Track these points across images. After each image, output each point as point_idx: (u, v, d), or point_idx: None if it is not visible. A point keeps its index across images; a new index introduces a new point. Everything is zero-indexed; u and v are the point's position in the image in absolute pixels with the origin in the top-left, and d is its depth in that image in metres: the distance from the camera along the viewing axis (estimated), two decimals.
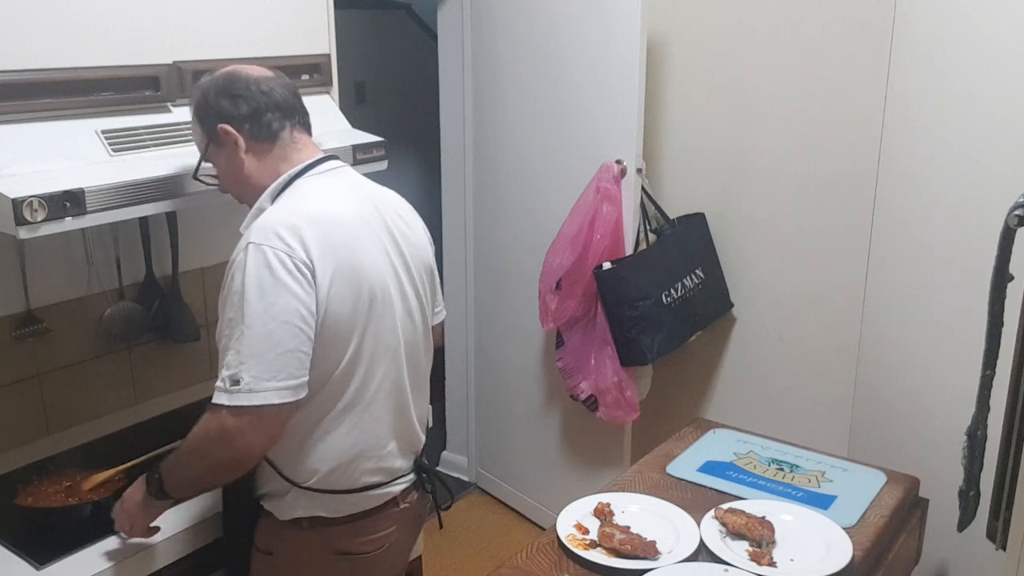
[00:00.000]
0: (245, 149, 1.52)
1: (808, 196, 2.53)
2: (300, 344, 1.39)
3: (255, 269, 1.38)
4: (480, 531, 3.18)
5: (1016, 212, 1.33)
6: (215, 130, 1.51)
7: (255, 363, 1.36)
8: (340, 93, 2.10)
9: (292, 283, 1.39)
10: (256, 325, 1.37)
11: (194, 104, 1.55)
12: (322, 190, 1.53)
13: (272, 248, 1.39)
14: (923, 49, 2.14)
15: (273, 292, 1.38)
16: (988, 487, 1.53)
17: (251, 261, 1.38)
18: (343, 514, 1.56)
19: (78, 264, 1.96)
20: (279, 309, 1.38)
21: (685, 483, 1.83)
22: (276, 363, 1.37)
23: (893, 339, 2.32)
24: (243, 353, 1.37)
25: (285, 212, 1.46)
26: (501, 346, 3.20)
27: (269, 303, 1.37)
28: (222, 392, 1.38)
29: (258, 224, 1.44)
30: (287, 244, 1.40)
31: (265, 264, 1.38)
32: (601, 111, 2.61)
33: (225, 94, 1.52)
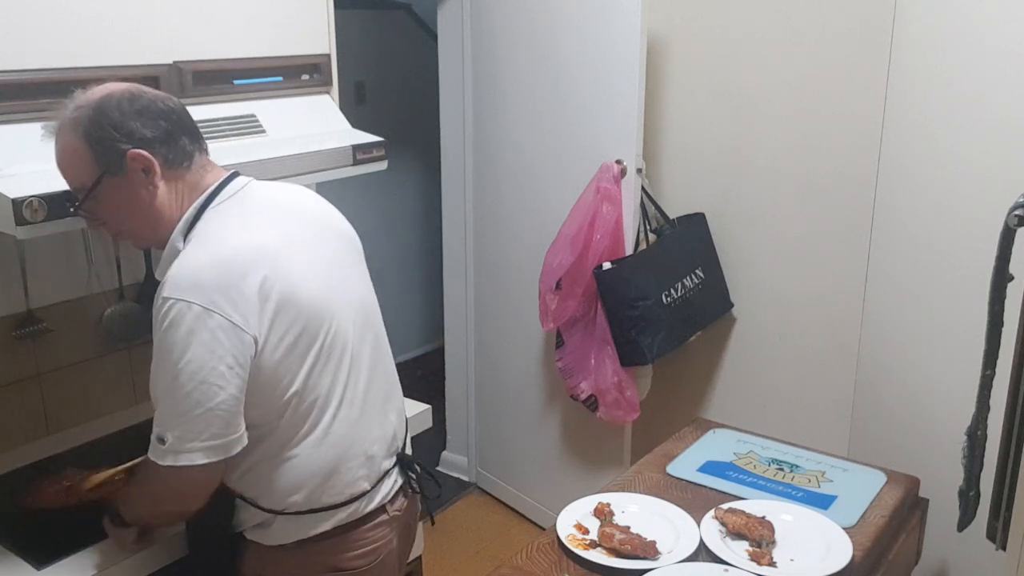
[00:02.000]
0: (160, 176, 1.37)
1: (808, 196, 2.53)
2: (222, 402, 1.31)
3: (173, 330, 1.29)
4: (480, 531, 3.18)
5: (1016, 212, 1.33)
6: (120, 156, 1.34)
7: (178, 423, 1.32)
8: (340, 93, 2.10)
9: (210, 340, 1.29)
10: (174, 385, 1.30)
11: (82, 127, 1.33)
12: (235, 221, 1.41)
13: (188, 303, 1.28)
14: (923, 49, 2.14)
15: (189, 351, 1.28)
16: (988, 487, 1.53)
17: (166, 321, 1.29)
18: (330, 527, 1.49)
19: (78, 264, 1.96)
20: (196, 368, 1.29)
21: (685, 483, 1.83)
22: (198, 423, 1.31)
23: (893, 339, 2.32)
24: (166, 412, 1.33)
25: (201, 257, 1.34)
26: (501, 346, 3.20)
27: (186, 363, 1.29)
28: (153, 448, 1.35)
29: (173, 274, 1.32)
30: (208, 297, 1.29)
31: (183, 324, 1.28)
32: (601, 111, 2.61)
33: (133, 113, 1.35)
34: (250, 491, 1.46)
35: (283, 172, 1.82)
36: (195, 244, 1.37)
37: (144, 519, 1.51)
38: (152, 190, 1.37)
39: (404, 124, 4.07)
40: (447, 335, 3.47)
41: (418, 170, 4.30)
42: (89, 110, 1.34)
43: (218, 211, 1.41)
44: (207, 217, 1.40)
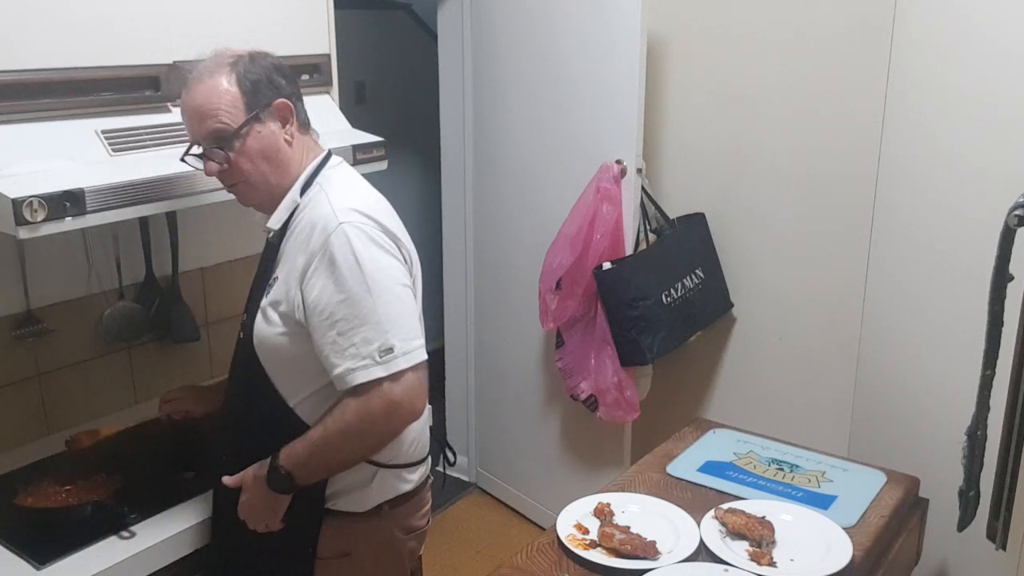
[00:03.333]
0: (296, 128, 1.51)
1: (808, 196, 2.53)
2: (416, 306, 1.48)
3: (362, 245, 1.40)
4: (480, 531, 3.18)
5: (1016, 212, 1.33)
6: (268, 103, 1.47)
7: (398, 327, 1.40)
8: (340, 93, 2.10)
9: (396, 254, 1.45)
10: (385, 294, 1.40)
11: (238, 72, 1.46)
12: (357, 181, 1.56)
13: (365, 226, 1.42)
14: (923, 49, 2.14)
15: (387, 262, 1.43)
16: (988, 487, 1.53)
17: (354, 239, 1.40)
18: (413, 486, 1.61)
19: (78, 264, 1.96)
20: (397, 276, 1.43)
21: (685, 483, 1.83)
22: (412, 323, 1.43)
23: (893, 339, 2.32)
24: (383, 322, 1.39)
25: (351, 198, 1.48)
26: (501, 346, 3.20)
27: (385, 270, 1.41)
28: (375, 366, 1.38)
29: (338, 206, 1.44)
30: (377, 222, 1.44)
31: (369, 239, 1.41)
32: (601, 111, 2.61)
33: (278, 71, 1.50)
34: None
35: None
36: (336, 188, 1.49)
37: (343, 462, 1.49)
38: (288, 140, 1.50)
39: (404, 124, 4.06)
40: (447, 335, 3.47)
41: (418, 170, 4.30)
42: (242, 57, 1.47)
43: (337, 171, 1.54)
44: (327, 175, 1.52)
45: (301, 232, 1.47)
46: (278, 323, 1.47)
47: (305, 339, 1.44)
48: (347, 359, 1.39)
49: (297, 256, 1.46)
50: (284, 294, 1.46)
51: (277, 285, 1.48)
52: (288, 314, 1.45)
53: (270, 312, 1.48)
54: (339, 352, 1.40)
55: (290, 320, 1.45)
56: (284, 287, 1.46)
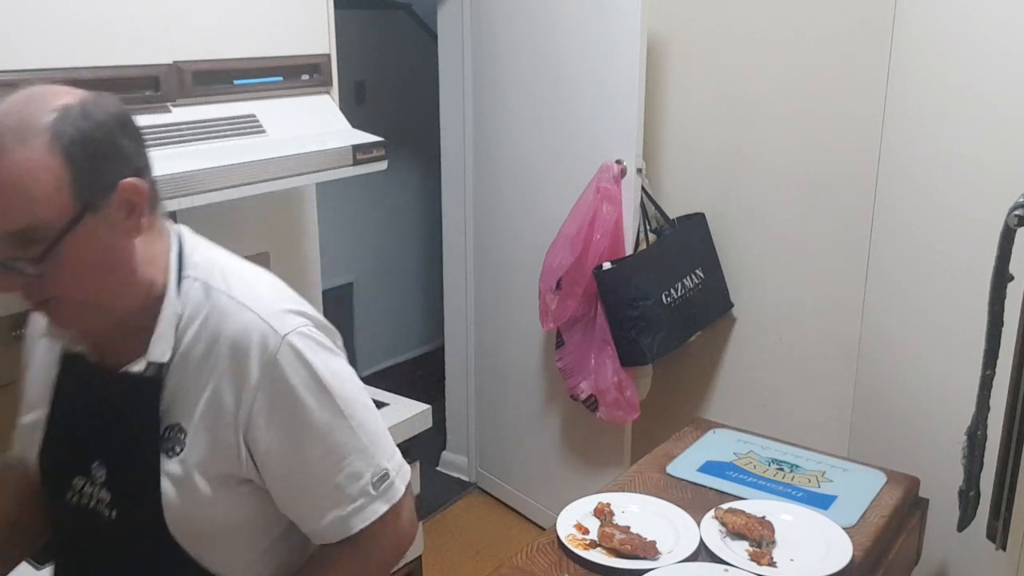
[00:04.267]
0: (145, 215, 1.02)
1: (808, 196, 2.53)
2: None
3: (315, 357, 1.06)
4: (480, 531, 3.18)
5: (1016, 212, 1.33)
6: (112, 185, 0.96)
7: (383, 447, 1.12)
8: (340, 93, 2.10)
9: (343, 356, 1.13)
10: (360, 409, 1.10)
11: (67, 138, 0.92)
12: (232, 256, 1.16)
13: (307, 328, 1.07)
14: (923, 49, 2.14)
15: (341, 366, 1.10)
16: (988, 487, 1.53)
17: (306, 352, 1.05)
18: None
19: None
20: (356, 380, 1.13)
21: (685, 483, 1.83)
22: (386, 431, 1.15)
23: (893, 339, 2.32)
24: (369, 447, 1.09)
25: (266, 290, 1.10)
26: (501, 346, 3.20)
27: (350, 380, 1.11)
28: (375, 500, 1.09)
29: (250, 321, 1.04)
30: (309, 317, 1.09)
31: (318, 345, 1.07)
32: (601, 111, 2.61)
33: (124, 129, 0.99)
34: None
35: (283, 172, 1.82)
36: (233, 279, 1.09)
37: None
38: (134, 236, 1.01)
39: (404, 124, 4.06)
40: (447, 335, 3.47)
41: (418, 170, 4.30)
42: (72, 115, 0.93)
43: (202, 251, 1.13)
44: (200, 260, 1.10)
45: (205, 357, 1.04)
46: (207, 491, 1.05)
47: (254, 497, 1.09)
48: (335, 506, 1.08)
49: (207, 392, 1.04)
50: (209, 450, 1.05)
51: (190, 441, 1.05)
52: (227, 475, 1.06)
53: (191, 477, 1.05)
54: (321, 500, 1.08)
55: (230, 481, 1.07)
56: (205, 440, 1.05)
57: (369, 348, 4.30)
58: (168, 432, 1.06)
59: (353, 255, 4.13)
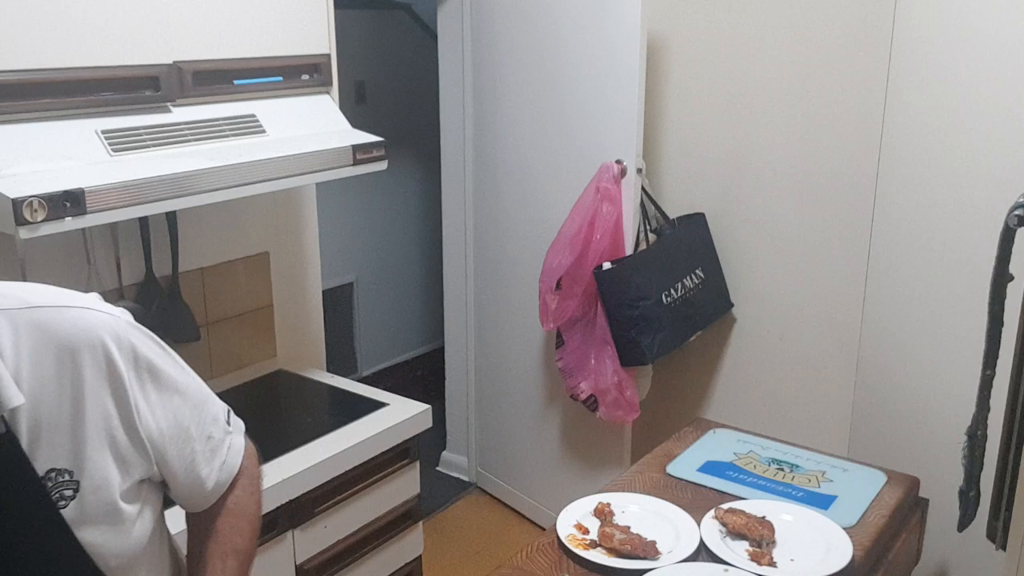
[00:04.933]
0: None
1: (808, 196, 2.53)
2: None
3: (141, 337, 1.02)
4: (480, 531, 3.18)
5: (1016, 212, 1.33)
6: None
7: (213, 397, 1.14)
8: (340, 93, 2.10)
9: None
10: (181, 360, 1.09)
11: None
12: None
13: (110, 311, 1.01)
14: (923, 49, 2.14)
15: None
16: (988, 487, 1.53)
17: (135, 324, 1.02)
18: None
19: (78, 264, 1.96)
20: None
21: (685, 483, 1.83)
22: None
23: (893, 339, 2.32)
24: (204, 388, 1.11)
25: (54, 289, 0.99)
26: (501, 346, 3.21)
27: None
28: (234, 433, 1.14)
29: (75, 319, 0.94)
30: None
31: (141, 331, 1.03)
32: (601, 111, 2.61)
33: None
34: None
35: (283, 172, 1.82)
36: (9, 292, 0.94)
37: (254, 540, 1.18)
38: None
39: (404, 124, 4.07)
40: (447, 335, 3.47)
41: (418, 170, 4.30)
42: None
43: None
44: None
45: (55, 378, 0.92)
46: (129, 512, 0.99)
47: (153, 492, 1.06)
48: (216, 455, 1.10)
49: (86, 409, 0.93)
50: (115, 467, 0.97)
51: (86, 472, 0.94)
52: (136, 483, 1.00)
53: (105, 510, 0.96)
54: (205, 456, 1.08)
55: (140, 488, 1.02)
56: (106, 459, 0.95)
57: (369, 348, 4.31)
58: (56, 474, 0.92)
59: (353, 255, 4.14)
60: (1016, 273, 1.40)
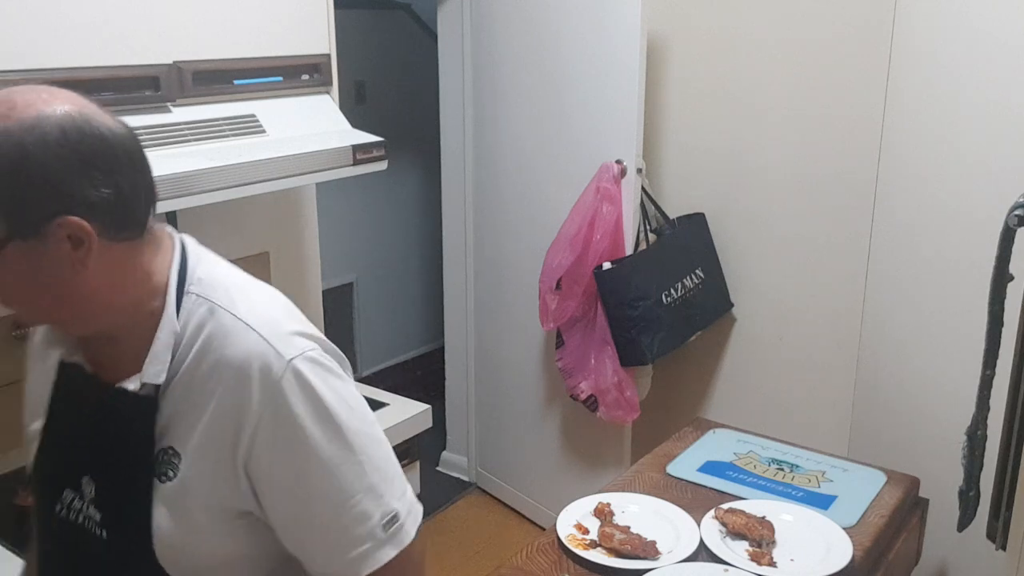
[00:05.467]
0: (98, 256, 0.92)
1: (808, 196, 2.53)
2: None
3: (323, 384, 0.98)
4: (480, 531, 3.18)
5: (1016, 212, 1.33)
6: (43, 224, 0.88)
7: (394, 485, 1.03)
8: (340, 93, 2.10)
9: (343, 372, 1.04)
10: (368, 444, 1.01)
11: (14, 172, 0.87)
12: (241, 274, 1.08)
13: (314, 353, 0.99)
14: (923, 49, 2.14)
15: (350, 393, 1.02)
16: (988, 487, 1.53)
17: (312, 379, 0.97)
18: None
19: None
20: (366, 410, 1.04)
21: (685, 483, 1.83)
22: (399, 467, 1.06)
23: (893, 339, 2.32)
24: (378, 486, 1.00)
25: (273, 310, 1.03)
26: (501, 346, 3.20)
27: (360, 410, 1.02)
28: (383, 544, 1.01)
29: (255, 344, 0.96)
30: (316, 339, 1.02)
31: (326, 371, 0.99)
32: (601, 111, 2.61)
33: (77, 159, 0.89)
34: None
35: (283, 172, 1.82)
36: (239, 297, 1.01)
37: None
38: (80, 268, 0.92)
39: (404, 124, 4.07)
40: (447, 335, 3.47)
41: (418, 170, 4.30)
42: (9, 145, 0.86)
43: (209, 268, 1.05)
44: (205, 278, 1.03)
45: (206, 379, 0.97)
46: (203, 521, 0.99)
47: (252, 531, 1.02)
48: (341, 548, 1.00)
49: (206, 417, 0.97)
50: (206, 478, 0.98)
51: (186, 467, 0.99)
52: (224, 507, 1.00)
53: (186, 506, 0.99)
54: (326, 541, 1.01)
55: (228, 513, 1.00)
56: (202, 467, 0.98)
57: (369, 348, 4.31)
58: (162, 455, 0.99)
59: (353, 255, 4.14)
60: (1016, 273, 1.40)
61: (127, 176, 0.93)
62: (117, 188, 0.92)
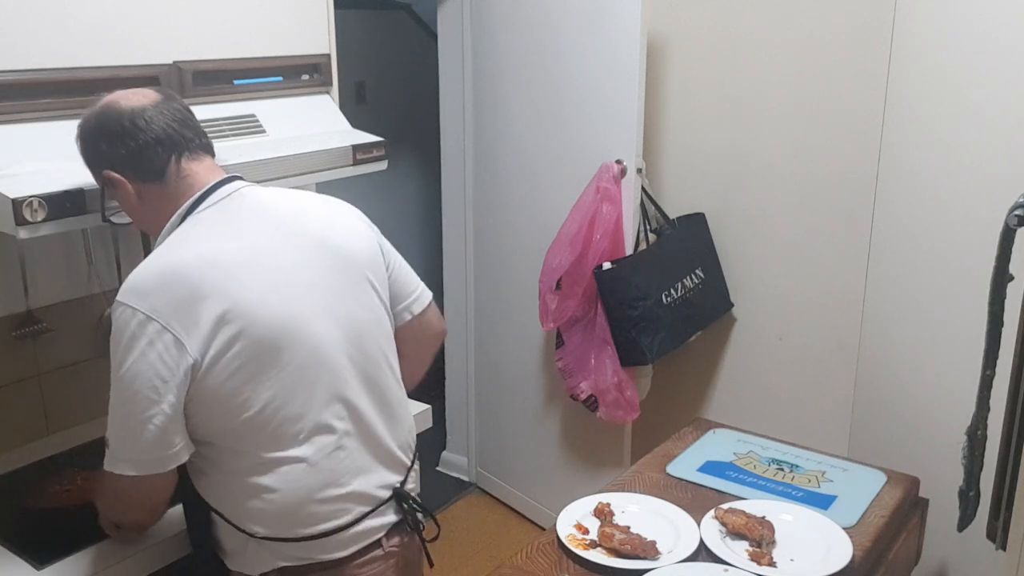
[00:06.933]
0: (137, 194, 1.40)
1: (808, 196, 2.53)
2: (153, 416, 1.29)
3: (117, 331, 1.30)
4: (480, 531, 3.18)
5: (1016, 212, 1.33)
6: (102, 176, 1.41)
7: (115, 431, 1.33)
8: (340, 93, 2.10)
9: (148, 349, 1.28)
10: (114, 392, 1.32)
11: (79, 147, 1.43)
12: (205, 231, 1.38)
13: (131, 307, 1.29)
14: (923, 48, 2.14)
15: (129, 359, 1.28)
16: (988, 487, 1.53)
17: (115, 321, 1.31)
18: (312, 561, 1.42)
19: (78, 264, 1.96)
20: (131, 377, 1.28)
21: (685, 483, 1.83)
22: (131, 435, 1.31)
23: (893, 339, 2.32)
24: (111, 419, 1.34)
25: (155, 264, 1.34)
26: (501, 346, 3.20)
27: (125, 371, 1.29)
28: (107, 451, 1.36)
29: (129, 278, 1.33)
30: (147, 302, 1.28)
31: (124, 325, 1.29)
32: (601, 111, 2.61)
33: (101, 135, 1.39)
34: (225, 508, 1.43)
35: (283, 172, 1.82)
36: (158, 251, 1.38)
37: (114, 522, 1.52)
38: (136, 203, 1.41)
39: (404, 124, 4.06)
40: (448, 334, 3.47)
41: (418, 170, 4.30)
42: (78, 131, 1.43)
43: (198, 218, 1.39)
44: (184, 226, 1.39)
45: None
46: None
47: None
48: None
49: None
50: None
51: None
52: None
53: None
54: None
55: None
56: None
57: None
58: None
59: None
60: (1016, 273, 1.40)
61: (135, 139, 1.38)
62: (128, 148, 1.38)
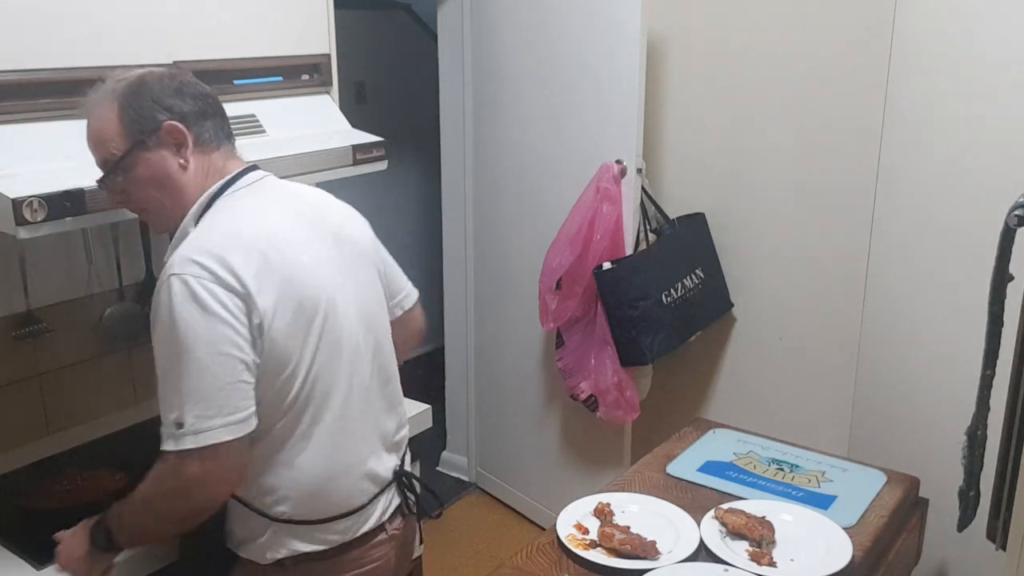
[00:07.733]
0: (191, 151, 1.39)
1: (808, 196, 2.53)
2: (240, 375, 1.30)
3: (181, 303, 1.27)
4: (480, 531, 3.18)
5: (1016, 212, 1.33)
6: (156, 128, 1.36)
7: (196, 401, 1.27)
8: (340, 93, 2.10)
9: (223, 312, 1.28)
10: (191, 362, 1.27)
11: (119, 98, 1.37)
12: (250, 208, 1.42)
13: (196, 278, 1.28)
14: (922, 49, 2.14)
15: (204, 324, 1.27)
16: (988, 487, 1.53)
17: (176, 295, 1.28)
18: (328, 546, 1.46)
19: (78, 264, 1.96)
20: (213, 341, 1.28)
21: (685, 483, 1.83)
22: (218, 398, 1.28)
23: (893, 339, 2.32)
24: (183, 392, 1.28)
25: (212, 236, 1.35)
26: (501, 346, 3.20)
27: (199, 336, 1.27)
28: (168, 438, 1.29)
29: (180, 252, 1.31)
30: (213, 273, 1.29)
31: (191, 296, 1.27)
32: (601, 111, 2.61)
33: (171, 90, 1.39)
34: (246, 492, 1.42)
35: (283, 172, 1.82)
36: (205, 226, 1.38)
37: (153, 530, 1.44)
38: (183, 164, 1.39)
39: (404, 124, 4.06)
40: (447, 335, 3.47)
41: (418, 170, 4.30)
42: (128, 83, 1.38)
43: (232, 199, 1.41)
44: (218, 205, 1.40)
45: None
46: None
47: None
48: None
49: None
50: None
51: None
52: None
53: None
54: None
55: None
56: None
57: None
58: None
59: None
60: (1016, 273, 1.40)
61: (204, 102, 1.42)
62: (197, 106, 1.40)
